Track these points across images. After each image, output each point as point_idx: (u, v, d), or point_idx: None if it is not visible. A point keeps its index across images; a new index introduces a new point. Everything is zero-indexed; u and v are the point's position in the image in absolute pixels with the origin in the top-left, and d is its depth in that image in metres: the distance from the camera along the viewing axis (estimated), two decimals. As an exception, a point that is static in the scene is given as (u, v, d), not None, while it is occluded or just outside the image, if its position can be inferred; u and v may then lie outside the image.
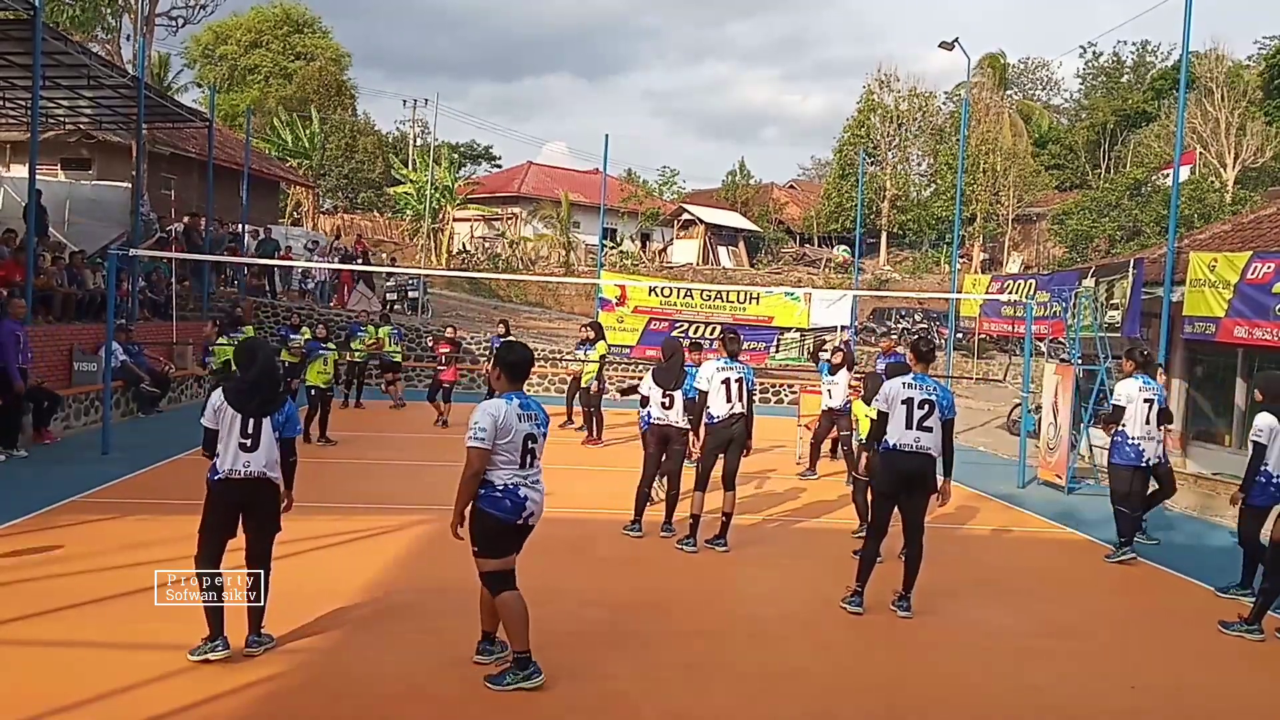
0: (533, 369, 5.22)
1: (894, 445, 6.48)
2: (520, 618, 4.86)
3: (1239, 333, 11.13)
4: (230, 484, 5.09)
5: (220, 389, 5.24)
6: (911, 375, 6.66)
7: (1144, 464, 8.49)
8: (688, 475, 8.50)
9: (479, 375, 19.24)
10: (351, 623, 5.86)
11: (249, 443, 5.08)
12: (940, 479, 6.62)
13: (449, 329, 17.12)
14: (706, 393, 8.08)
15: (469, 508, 4.84)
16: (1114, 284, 13.44)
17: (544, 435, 4.98)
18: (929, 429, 6.46)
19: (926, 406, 6.45)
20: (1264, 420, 6.87)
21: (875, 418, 6.75)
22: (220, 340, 13.44)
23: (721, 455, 8.12)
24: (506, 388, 4.94)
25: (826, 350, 13.30)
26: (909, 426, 6.44)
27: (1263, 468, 6.83)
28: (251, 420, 5.10)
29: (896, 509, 6.64)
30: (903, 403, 6.48)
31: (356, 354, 16.88)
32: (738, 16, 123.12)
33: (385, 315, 19.96)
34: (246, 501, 5.16)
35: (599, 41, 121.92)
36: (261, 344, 5.77)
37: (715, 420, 8.06)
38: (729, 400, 8.04)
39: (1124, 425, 8.46)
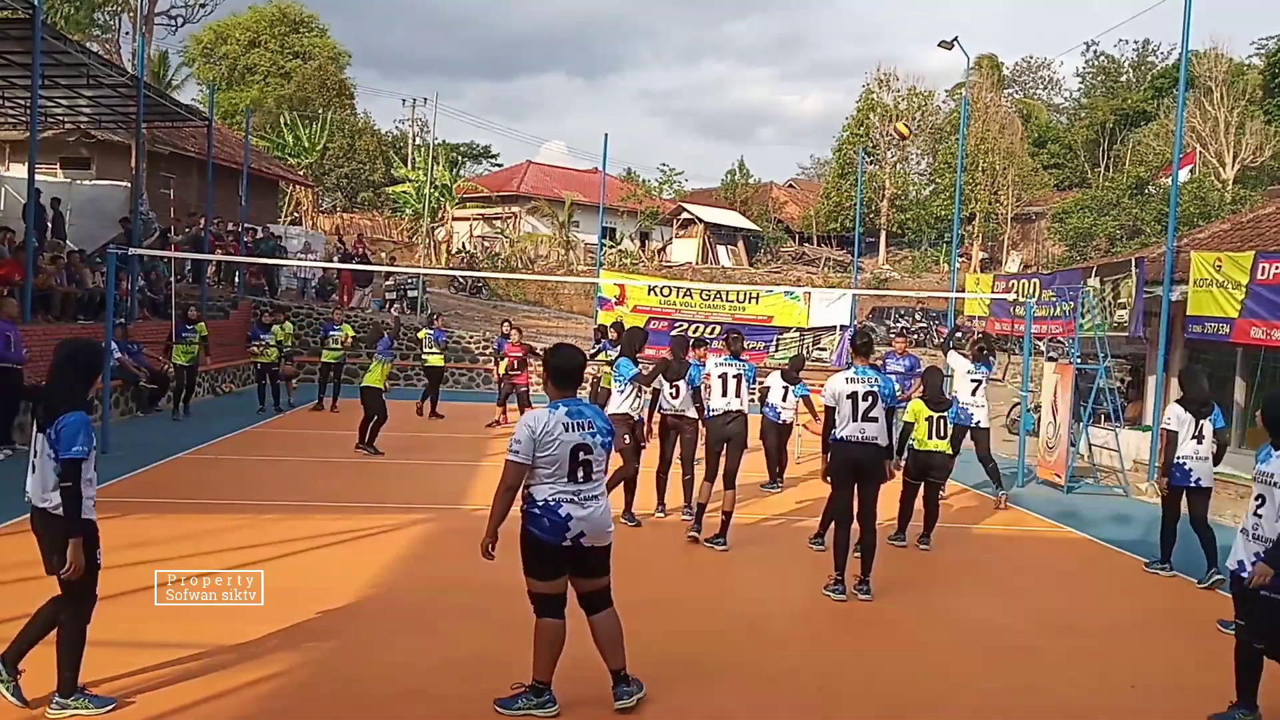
0: (584, 372, 4.89)
1: (843, 437, 6.81)
2: (550, 647, 4.57)
3: (1256, 334, 11.12)
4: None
5: None
6: (853, 369, 6.96)
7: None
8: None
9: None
10: (352, 623, 5.86)
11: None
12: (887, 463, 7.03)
13: (504, 324, 16.13)
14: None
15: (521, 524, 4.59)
16: (1120, 283, 13.46)
17: (604, 446, 4.59)
18: (874, 419, 6.78)
19: (870, 398, 6.77)
20: (1172, 411, 7.51)
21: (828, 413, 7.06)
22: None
23: (723, 454, 8.16)
24: (555, 394, 4.65)
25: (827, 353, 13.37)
26: (855, 419, 6.77)
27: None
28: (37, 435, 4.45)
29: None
30: (847, 397, 6.78)
31: (326, 355, 16.15)
32: (734, 16, 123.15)
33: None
34: (38, 535, 4.53)
35: (595, 41, 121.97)
36: (76, 343, 4.92)
37: (713, 414, 8.22)
38: (725, 394, 8.16)
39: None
